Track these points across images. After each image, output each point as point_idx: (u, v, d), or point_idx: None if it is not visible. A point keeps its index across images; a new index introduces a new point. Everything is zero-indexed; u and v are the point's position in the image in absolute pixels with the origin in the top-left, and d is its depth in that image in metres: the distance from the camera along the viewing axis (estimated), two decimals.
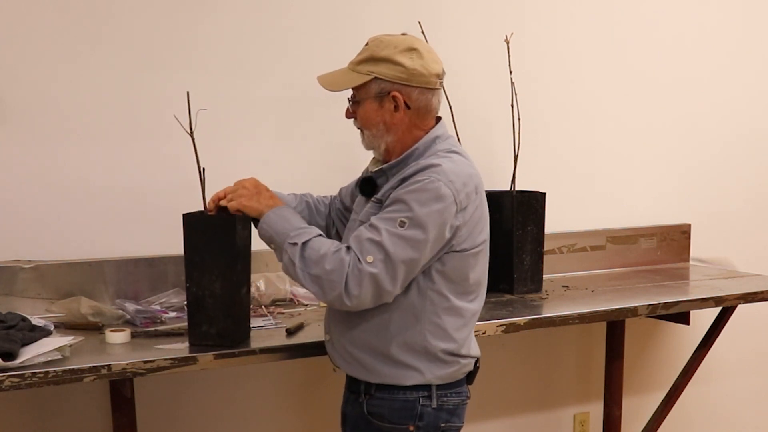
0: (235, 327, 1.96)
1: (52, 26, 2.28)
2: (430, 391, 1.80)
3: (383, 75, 1.78)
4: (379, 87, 1.79)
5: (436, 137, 1.84)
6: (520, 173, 2.72)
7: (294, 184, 2.46)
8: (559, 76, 3.05)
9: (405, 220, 1.68)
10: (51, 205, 2.32)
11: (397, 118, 1.80)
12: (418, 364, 1.78)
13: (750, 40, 3.44)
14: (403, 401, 1.79)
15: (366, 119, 1.82)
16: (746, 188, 3.50)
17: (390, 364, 1.78)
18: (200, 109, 1.90)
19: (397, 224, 1.68)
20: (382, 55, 1.78)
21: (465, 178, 1.76)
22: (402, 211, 1.70)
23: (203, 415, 2.53)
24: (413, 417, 1.79)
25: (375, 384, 1.81)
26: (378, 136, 1.82)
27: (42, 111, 2.30)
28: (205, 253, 1.89)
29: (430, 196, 1.69)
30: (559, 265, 3.01)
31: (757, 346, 3.58)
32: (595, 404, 3.22)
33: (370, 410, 1.82)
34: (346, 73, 1.83)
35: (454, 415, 1.85)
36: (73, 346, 1.90)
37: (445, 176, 1.71)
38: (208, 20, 2.47)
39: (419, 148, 1.82)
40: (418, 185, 1.71)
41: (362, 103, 1.82)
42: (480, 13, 2.87)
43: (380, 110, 1.80)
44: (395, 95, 1.78)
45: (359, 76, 1.80)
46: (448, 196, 1.70)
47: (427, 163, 1.75)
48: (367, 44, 1.83)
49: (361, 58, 1.81)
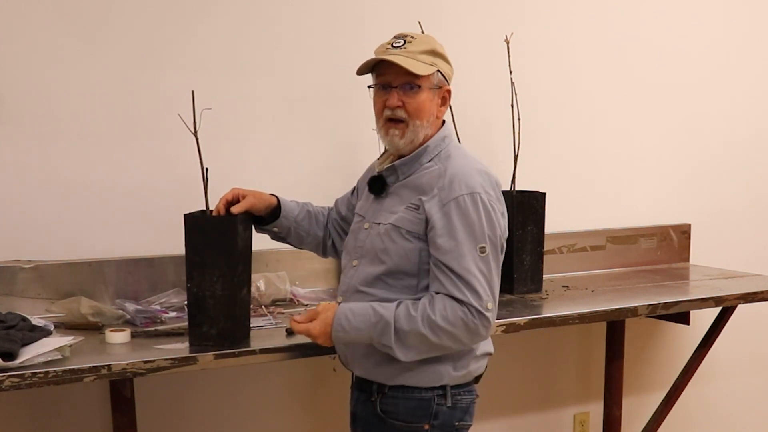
0: (235, 327, 1.96)
1: (53, 26, 2.28)
2: (445, 391, 1.81)
3: (443, 69, 1.87)
4: (438, 80, 1.86)
5: (445, 137, 1.89)
6: (520, 173, 2.72)
7: (295, 184, 2.47)
8: (560, 76, 3.05)
9: (484, 246, 1.76)
10: (51, 205, 2.31)
11: (441, 112, 1.89)
12: (438, 367, 1.79)
13: (750, 41, 3.44)
14: (418, 400, 1.80)
15: (421, 108, 1.84)
16: (746, 188, 3.50)
17: (409, 367, 1.79)
18: (204, 109, 1.90)
19: (479, 253, 1.75)
20: (440, 51, 1.87)
21: (491, 182, 1.83)
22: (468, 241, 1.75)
23: (203, 415, 2.53)
24: (428, 416, 1.80)
25: (389, 384, 1.82)
26: (425, 126, 1.85)
27: (42, 111, 2.29)
28: (206, 253, 1.89)
29: (483, 212, 1.77)
30: (559, 265, 3.01)
31: (757, 346, 3.58)
32: (595, 404, 3.22)
33: (383, 409, 1.83)
34: (411, 60, 1.81)
35: (467, 413, 1.87)
36: (73, 346, 1.89)
37: (480, 186, 1.79)
38: (210, 20, 2.47)
39: (430, 146, 1.86)
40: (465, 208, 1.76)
41: (421, 92, 1.83)
42: (480, 13, 2.87)
43: (433, 102, 1.86)
44: (449, 90, 1.90)
45: (427, 66, 1.83)
46: (494, 204, 1.80)
47: (452, 173, 1.80)
48: (413, 37, 1.84)
49: (423, 49, 1.83)
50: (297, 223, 2.05)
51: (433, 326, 1.71)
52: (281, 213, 2.01)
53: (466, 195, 1.76)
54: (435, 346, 1.73)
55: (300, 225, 2.06)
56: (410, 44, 1.82)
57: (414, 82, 1.82)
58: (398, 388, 1.81)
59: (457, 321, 1.71)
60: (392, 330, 1.72)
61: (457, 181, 1.78)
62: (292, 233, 2.07)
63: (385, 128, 1.86)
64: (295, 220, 2.05)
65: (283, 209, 2.02)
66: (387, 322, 1.72)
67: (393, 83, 1.83)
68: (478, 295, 1.72)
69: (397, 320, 1.72)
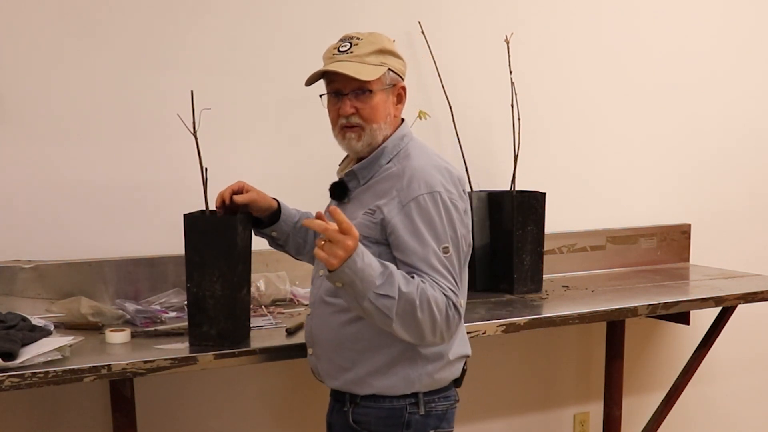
0: (235, 327, 1.96)
1: (53, 26, 2.28)
2: (418, 398, 1.78)
3: (393, 67, 1.81)
4: (390, 79, 1.81)
5: (404, 135, 1.84)
6: (520, 173, 2.72)
7: (295, 184, 2.47)
8: (560, 76, 3.04)
9: (447, 246, 1.71)
10: (51, 205, 2.31)
11: (398, 110, 1.84)
12: (407, 374, 1.76)
13: (750, 41, 3.44)
14: (389, 410, 1.77)
15: (375, 112, 1.79)
16: (746, 188, 3.50)
17: (378, 375, 1.77)
18: (204, 109, 1.90)
19: (442, 253, 1.70)
20: (388, 48, 1.81)
21: (453, 179, 1.78)
22: (431, 241, 1.70)
23: (203, 415, 2.53)
24: (401, 425, 1.77)
25: (361, 394, 1.80)
26: (382, 129, 1.81)
27: (42, 111, 2.30)
28: (206, 253, 1.89)
29: (443, 211, 1.72)
30: (559, 265, 3.01)
31: (757, 346, 3.58)
32: (595, 404, 3.22)
33: (356, 419, 1.80)
34: (357, 64, 1.77)
35: (444, 420, 1.83)
36: (73, 346, 1.89)
37: (440, 185, 1.74)
38: (210, 20, 2.47)
39: (388, 146, 1.81)
40: (426, 208, 1.71)
41: (374, 95, 1.79)
42: (480, 13, 2.87)
43: (387, 102, 1.82)
44: (403, 87, 1.84)
45: (376, 68, 1.78)
46: (455, 203, 1.75)
47: (410, 173, 1.74)
48: (359, 38, 1.79)
49: (370, 50, 1.78)
50: (296, 230, 2.02)
51: (423, 299, 1.62)
52: (281, 217, 1.99)
53: (426, 194, 1.71)
54: (412, 323, 1.64)
55: (298, 232, 2.02)
56: (356, 47, 1.78)
57: (365, 87, 1.77)
58: (370, 398, 1.78)
59: (443, 307, 1.66)
60: (396, 282, 1.62)
61: (416, 180, 1.72)
62: (290, 240, 2.03)
63: (342, 133, 1.82)
64: (294, 227, 2.01)
65: (283, 213, 1.99)
66: (392, 273, 1.63)
67: (344, 90, 1.79)
68: (451, 291, 1.69)
69: (399, 277, 1.64)
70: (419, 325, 1.65)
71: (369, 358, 1.77)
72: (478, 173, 2.81)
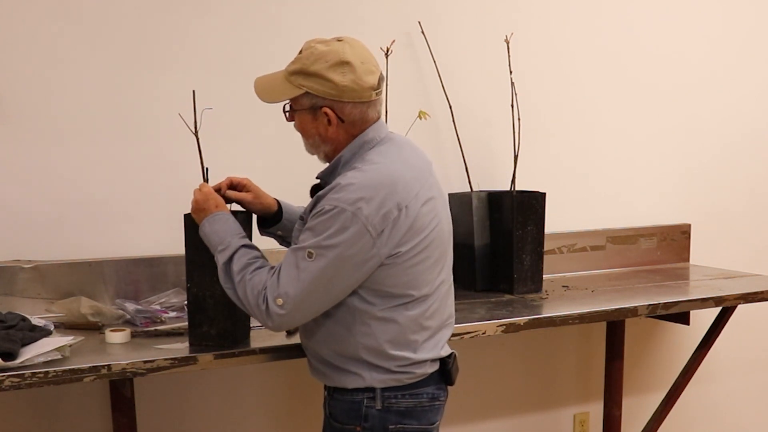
0: (235, 327, 1.97)
1: (53, 26, 2.28)
2: (375, 393, 1.79)
3: (314, 91, 1.73)
4: (311, 101, 1.75)
5: (364, 143, 1.78)
6: (520, 173, 2.72)
7: (295, 184, 2.46)
8: (559, 76, 3.05)
9: (313, 251, 1.67)
10: (51, 205, 2.32)
11: (330, 131, 1.77)
12: (357, 370, 1.78)
13: (750, 42, 3.44)
14: (350, 402, 1.80)
15: (302, 129, 1.82)
16: (746, 188, 3.50)
17: (333, 368, 1.81)
18: (205, 108, 1.90)
19: (306, 255, 1.67)
20: (312, 70, 1.72)
21: (381, 199, 1.67)
22: (308, 240, 1.68)
23: (203, 415, 2.53)
24: (359, 418, 1.80)
25: (329, 386, 1.85)
26: (315, 145, 1.82)
27: (42, 111, 2.30)
28: (206, 253, 1.89)
29: (339, 227, 1.65)
30: (559, 265, 3.01)
31: (757, 346, 3.58)
32: (595, 404, 3.22)
33: (330, 410, 1.85)
34: (281, 81, 1.77)
35: (410, 417, 1.81)
36: (73, 346, 1.90)
37: (353, 204, 1.65)
38: (210, 20, 2.47)
39: (345, 155, 1.79)
40: (326, 216, 1.66)
41: (297, 114, 1.80)
42: (480, 13, 2.87)
43: (314, 122, 1.78)
44: (326, 111, 1.74)
45: (292, 89, 1.76)
46: (358, 226, 1.65)
47: (342, 183, 1.69)
48: (301, 52, 1.77)
49: (295, 68, 1.75)
50: None
51: (242, 281, 1.73)
52: (283, 216, 2.00)
53: (332, 206, 1.67)
54: (234, 296, 1.77)
55: None
56: (297, 59, 1.76)
57: (289, 104, 1.80)
58: (338, 391, 1.82)
59: (255, 294, 1.71)
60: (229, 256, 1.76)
61: (334, 191, 1.69)
62: None
63: None
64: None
65: (285, 212, 2.00)
66: (228, 249, 1.77)
67: None
68: (277, 284, 1.69)
69: (239, 255, 1.76)
70: (240, 301, 1.76)
71: (332, 352, 1.80)
72: (478, 173, 2.81)
